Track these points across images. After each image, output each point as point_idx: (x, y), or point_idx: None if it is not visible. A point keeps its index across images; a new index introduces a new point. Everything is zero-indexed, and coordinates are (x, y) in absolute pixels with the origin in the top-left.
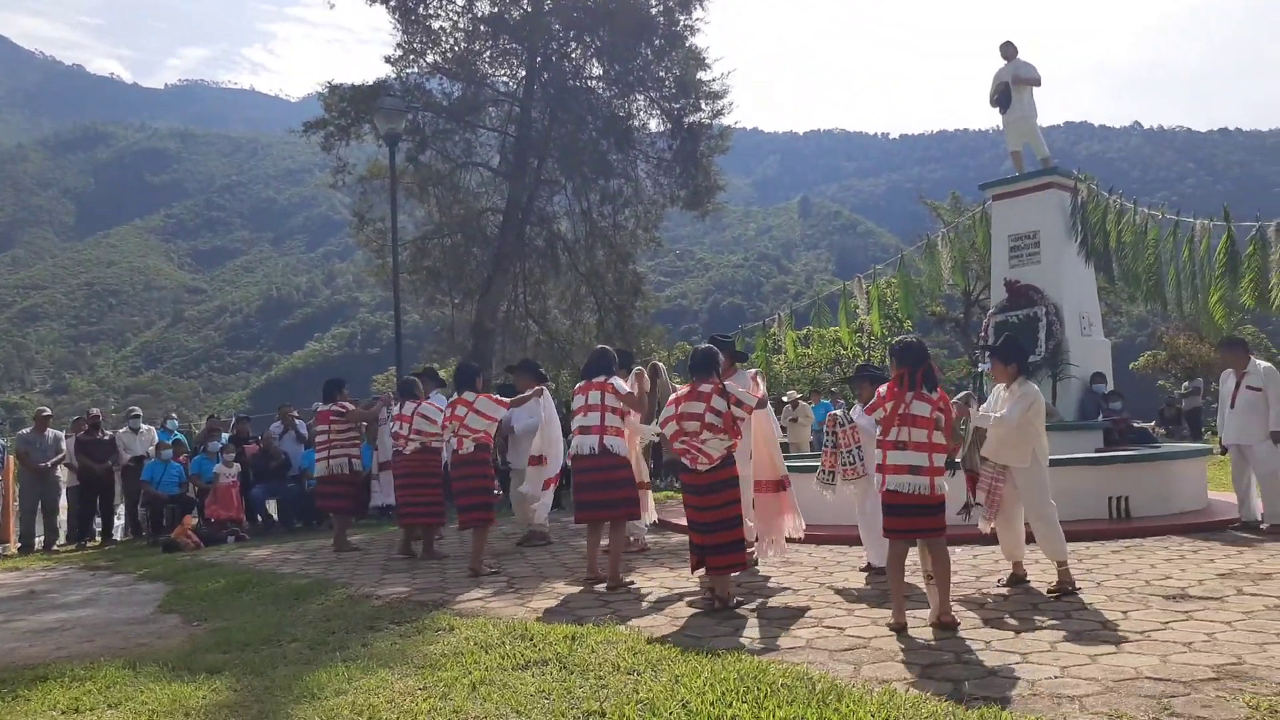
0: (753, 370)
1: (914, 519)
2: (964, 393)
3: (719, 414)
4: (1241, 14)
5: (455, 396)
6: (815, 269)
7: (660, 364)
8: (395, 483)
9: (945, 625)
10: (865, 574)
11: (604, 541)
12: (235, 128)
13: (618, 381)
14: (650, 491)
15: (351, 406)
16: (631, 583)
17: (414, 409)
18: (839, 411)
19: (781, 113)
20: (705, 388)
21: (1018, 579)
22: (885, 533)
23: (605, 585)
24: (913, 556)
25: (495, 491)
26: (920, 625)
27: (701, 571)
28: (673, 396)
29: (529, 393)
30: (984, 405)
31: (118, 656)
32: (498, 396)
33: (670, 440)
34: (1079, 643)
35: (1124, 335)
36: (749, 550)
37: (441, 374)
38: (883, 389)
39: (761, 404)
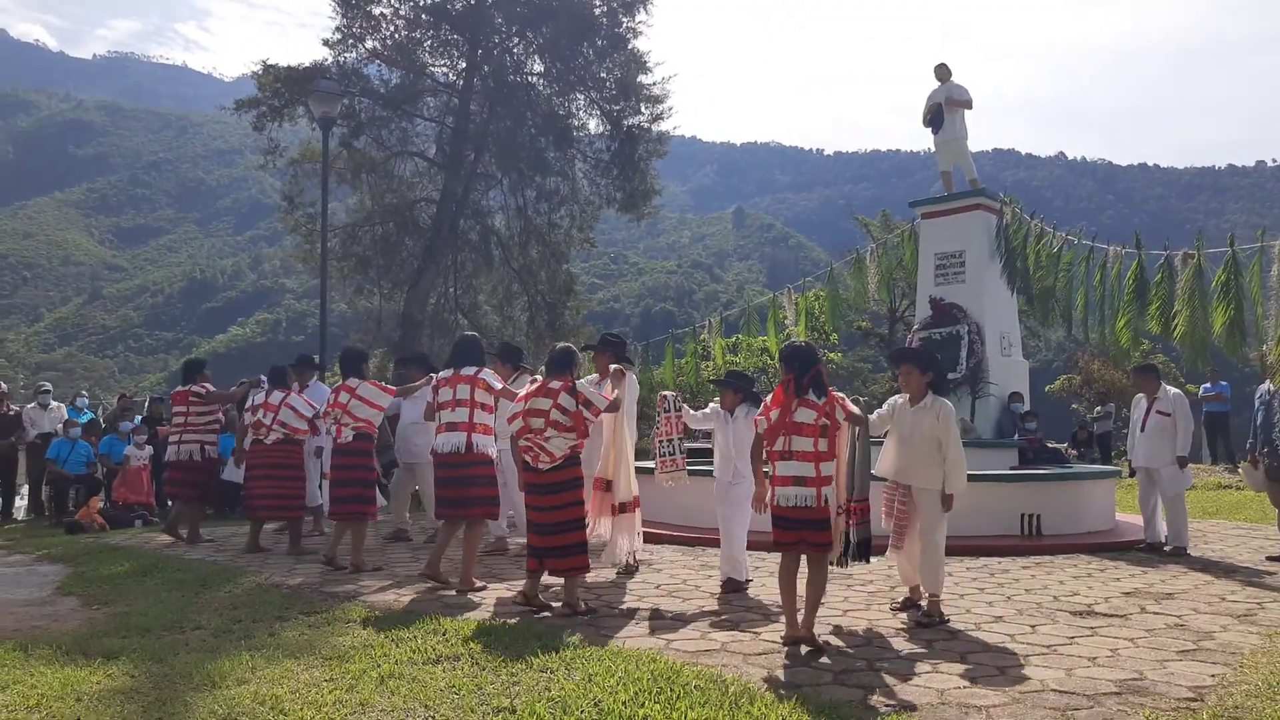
0: (615, 366)
1: (802, 532)
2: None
3: (566, 412)
4: (1162, 59)
5: (340, 383)
6: (747, 279)
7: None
8: (249, 473)
9: (806, 640)
10: (720, 590)
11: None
12: (165, 104)
13: (489, 375)
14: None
15: (212, 389)
16: (484, 586)
17: (282, 399)
18: (670, 393)
19: (720, 124)
20: (555, 384)
21: (914, 602)
22: (775, 545)
23: (455, 589)
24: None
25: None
26: (831, 632)
27: (552, 574)
28: (522, 393)
29: (419, 383)
30: (872, 416)
31: (9, 638)
32: (383, 384)
33: (515, 437)
34: (988, 654)
35: (1041, 359)
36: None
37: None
38: (769, 397)
39: (613, 408)
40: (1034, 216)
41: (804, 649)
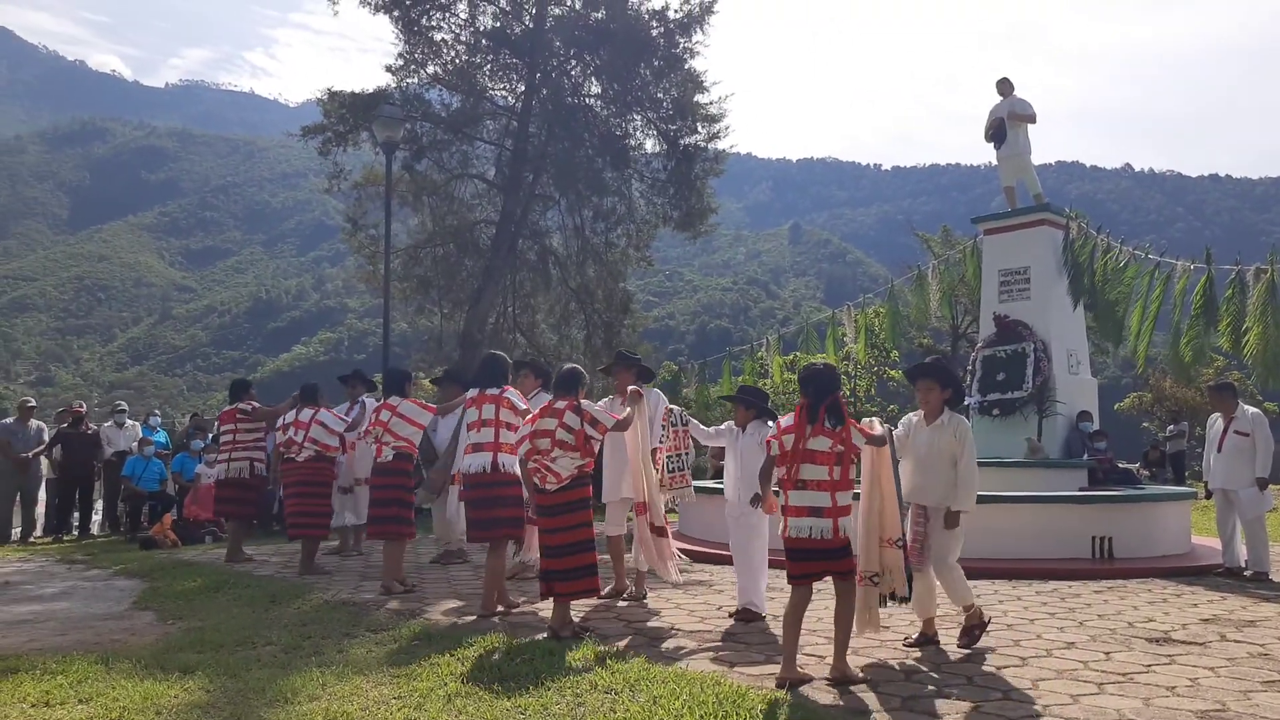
0: (632, 388)
1: (818, 563)
2: (874, 419)
3: (571, 431)
4: (1233, 62)
5: (382, 401)
6: (804, 296)
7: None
8: (284, 492)
9: (841, 681)
10: (733, 618)
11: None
12: (233, 129)
13: (513, 395)
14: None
15: (259, 405)
16: (508, 611)
17: (312, 415)
18: (675, 408)
19: (775, 140)
20: (560, 404)
21: (928, 639)
22: (789, 579)
23: (477, 612)
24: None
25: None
26: (897, 653)
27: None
28: (531, 415)
29: (455, 401)
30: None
31: (91, 651)
32: (423, 402)
33: (525, 459)
34: (1061, 682)
35: (1110, 375)
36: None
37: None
38: (785, 419)
39: (621, 426)
40: (1100, 231)
41: (839, 688)
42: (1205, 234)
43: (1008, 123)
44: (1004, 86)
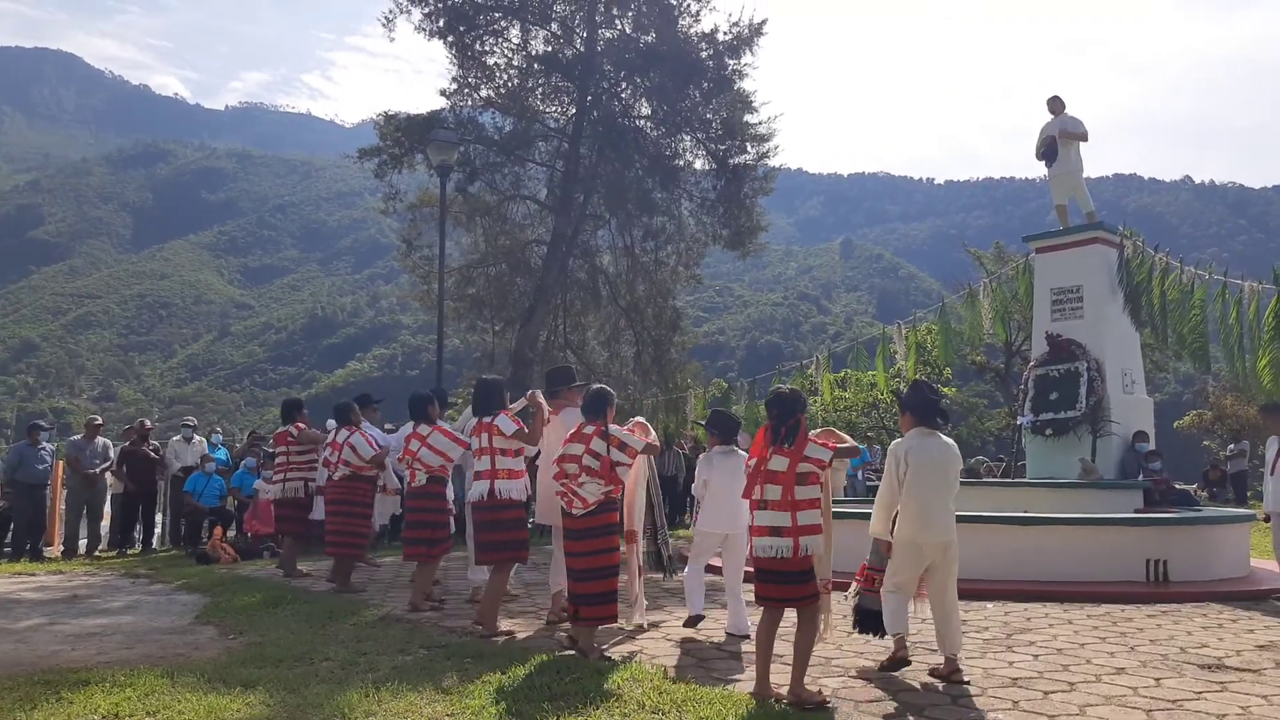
0: (638, 419)
1: (785, 586)
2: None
3: (597, 457)
4: None
5: (411, 429)
6: (855, 311)
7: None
8: (325, 509)
9: (797, 703)
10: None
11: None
12: (291, 150)
13: (502, 421)
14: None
15: (306, 428)
16: (510, 632)
17: (346, 437)
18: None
19: (826, 154)
20: (588, 429)
21: (898, 662)
22: (757, 600)
23: (480, 631)
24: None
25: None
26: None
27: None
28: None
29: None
30: None
31: (156, 665)
32: (456, 434)
33: (554, 480)
34: (1108, 708)
35: (1169, 393)
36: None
37: None
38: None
39: (651, 450)
40: (1158, 249)
41: (800, 712)
42: (1270, 246)
43: (1059, 141)
44: (1055, 104)
